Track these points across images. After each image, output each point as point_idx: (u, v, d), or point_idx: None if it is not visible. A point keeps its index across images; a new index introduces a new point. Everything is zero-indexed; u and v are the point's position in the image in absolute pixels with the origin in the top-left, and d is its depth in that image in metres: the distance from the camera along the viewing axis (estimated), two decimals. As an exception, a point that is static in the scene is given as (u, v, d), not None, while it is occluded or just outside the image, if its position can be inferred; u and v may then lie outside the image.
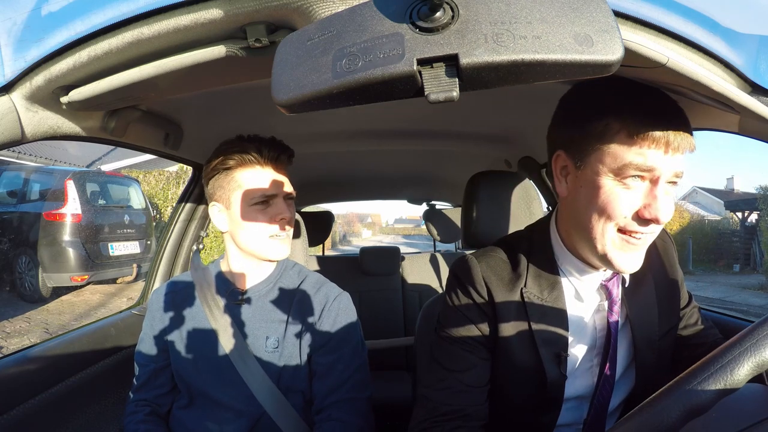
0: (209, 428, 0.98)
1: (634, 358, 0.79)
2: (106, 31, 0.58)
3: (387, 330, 2.39)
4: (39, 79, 0.64)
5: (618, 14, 0.51)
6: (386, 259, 2.54)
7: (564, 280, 0.78)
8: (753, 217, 14.03)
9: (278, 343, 0.98)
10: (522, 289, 0.78)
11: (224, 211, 1.00)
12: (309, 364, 1.00)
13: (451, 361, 0.80)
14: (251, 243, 0.98)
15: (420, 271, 2.57)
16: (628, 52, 0.50)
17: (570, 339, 0.77)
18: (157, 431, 1.01)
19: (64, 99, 0.71)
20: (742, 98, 0.57)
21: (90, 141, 0.90)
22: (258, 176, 0.97)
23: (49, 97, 0.69)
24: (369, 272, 2.50)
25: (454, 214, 2.63)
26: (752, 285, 10.56)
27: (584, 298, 0.78)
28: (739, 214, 14.99)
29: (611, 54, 0.38)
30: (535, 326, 0.76)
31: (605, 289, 0.77)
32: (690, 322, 0.88)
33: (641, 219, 0.65)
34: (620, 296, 0.78)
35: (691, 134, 0.65)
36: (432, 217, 2.62)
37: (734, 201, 16.36)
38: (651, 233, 0.67)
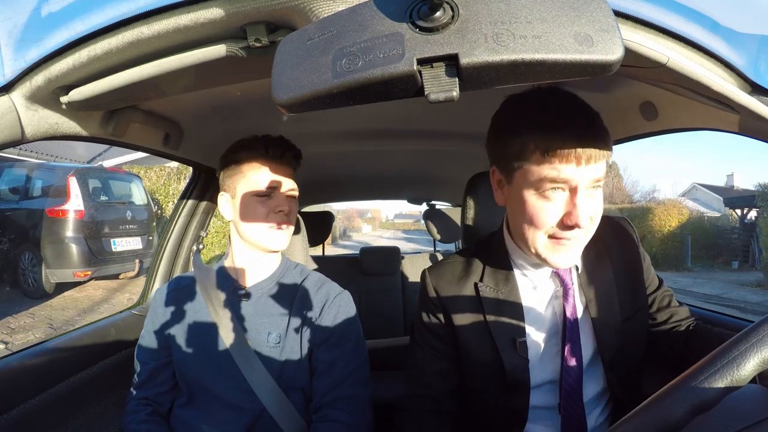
0: (210, 425, 0.98)
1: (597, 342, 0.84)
2: (106, 31, 0.58)
3: (387, 330, 2.39)
4: (39, 79, 0.64)
5: (618, 14, 0.51)
6: (386, 258, 2.54)
7: (518, 274, 0.85)
8: (752, 213, 14.03)
9: (280, 338, 1.00)
10: (477, 283, 0.85)
11: (230, 201, 1.05)
12: (310, 361, 1.01)
13: (417, 364, 0.91)
14: (252, 232, 1.02)
15: (420, 270, 2.56)
16: (628, 52, 0.50)
17: (527, 326, 0.82)
18: (159, 431, 1.01)
19: (64, 99, 0.71)
20: (742, 98, 0.57)
21: (90, 141, 0.90)
22: (262, 170, 1.02)
23: (49, 97, 0.69)
24: (369, 272, 2.50)
25: (454, 214, 2.63)
26: (750, 282, 10.57)
27: (539, 287, 0.84)
28: (739, 211, 14.99)
29: (611, 54, 0.38)
30: (489, 317, 0.83)
31: (557, 276, 0.83)
32: (662, 305, 0.92)
33: (566, 225, 0.71)
34: (575, 283, 0.84)
35: (605, 144, 0.69)
36: (432, 216, 2.62)
37: (733, 198, 16.35)
38: (581, 235, 0.73)
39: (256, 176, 1.01)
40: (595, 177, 0.70)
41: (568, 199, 0.70)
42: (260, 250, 1.05)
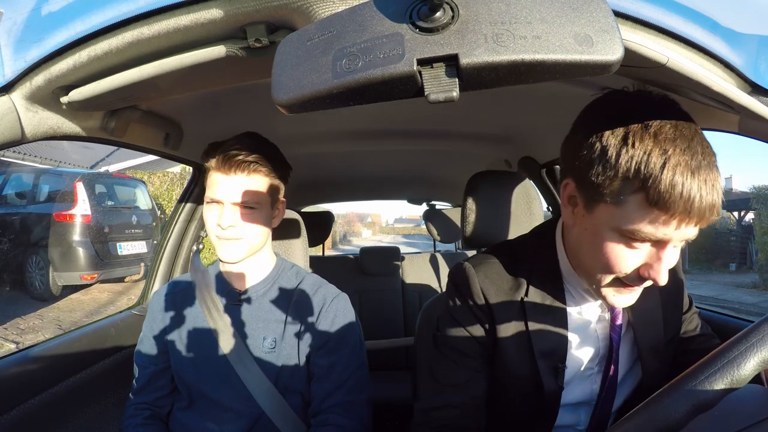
0: (209, 429, 0.98)
1: (639, 362, 0.79)
2: (106, 31, 0.58)
3: (387, 330, 2.39)
4: (39, 79, 0.64)
5: (618, 14, 0.51)
6: (386, 259, 2.54)
7: (566, 292, 0.77)
8: (750, 216, 14.03)
9: (275, 343, 0.99)
10: (523, 298, 0.76)
11: None
12: (307, 365, 1.00)
13: (449, 374, 0.79)
14: (210, 238, 1.00)
15: (420, 271, 2.57)
16: (628, 52, 0.50)
17: (569, 351, 0.76)
18: None
19: (64, 99, 0.71)
20: (742, 98, 0.57)
21: (90, 141, 0.90)
22: (212, 178, 0.97)
23: (49, 97, 0.69)
24: (369, 272, 2.50)
25: (454, 214, 2.63)
26: (746, 284, 10.61)
27: (586, 309, 0.77)
28: (736, 214, 15.00)
29: (611, 54, 0.38)
30: (534, 338, 0.75)
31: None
32: (689, 327, 0.87)
33: (641, 277, 0.63)
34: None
35: (720, 204, 0.57)
36: (432, 217, 2.62)
37: (731, 200, 16.37)
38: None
39: (208, 185, 0.98)
40: (692, 236, 0.60)
41: (653, 252, 0.61)
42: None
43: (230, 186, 0.95)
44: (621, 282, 0.65)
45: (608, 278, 0.66)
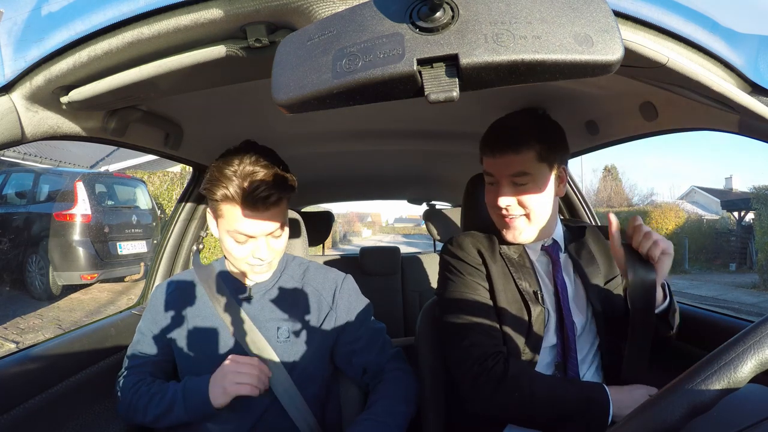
0: (215, 423, 0.98)
1: (590, 305, 0.99)
2: (106, 31, 0.58)
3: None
4: (39, 79, 0.64)
5: (618, 14, 0.51)
6: (386, 259, 2.54)
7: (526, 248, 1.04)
8: (750, 215, 14.03)
9: (289, 332, 1.01)
10: (499, 252, 1.03)
11: (215, 225, 1.01)
12: (328, 349, 1.05)
13: (467, 309, 0.97)
14: (234, 264, 1.01)
15: (420, 271, 2.57)
16: (628, 52, 0.50)
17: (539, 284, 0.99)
18: (169, 384, 0.98)
19: (64, 99, 0.71)
20: (742, 98, 0.57)
21: (90, 141, 0.90)
22: (237, 214, 0.92)
23: (49, 97, 0.69)
24: (369, 272, 2.50)
25: (454, 214, 2.62)
26: (746, 284, 10.62)
27: (537, 258, 1.03)
28: (736, 214, 14.99)
29: (611, 54, 0.38)
30: (515, 276, 0.99)
31: (546, 252, 1.02)
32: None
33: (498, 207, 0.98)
34: (562, 258, 1.03)
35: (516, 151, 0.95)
36: (432, 217, 2.62)
37: (731, 200, 16.36)
38: (514, 216, 0.97)
39: (232, 218, 0.93)
40: (514, 170, 0.95)
41: (496, 187, 0.99)
42: None
43: (262, 222, 0.94)
44: (501, 217, 0.99)
45: (496, 218, 1.02)
